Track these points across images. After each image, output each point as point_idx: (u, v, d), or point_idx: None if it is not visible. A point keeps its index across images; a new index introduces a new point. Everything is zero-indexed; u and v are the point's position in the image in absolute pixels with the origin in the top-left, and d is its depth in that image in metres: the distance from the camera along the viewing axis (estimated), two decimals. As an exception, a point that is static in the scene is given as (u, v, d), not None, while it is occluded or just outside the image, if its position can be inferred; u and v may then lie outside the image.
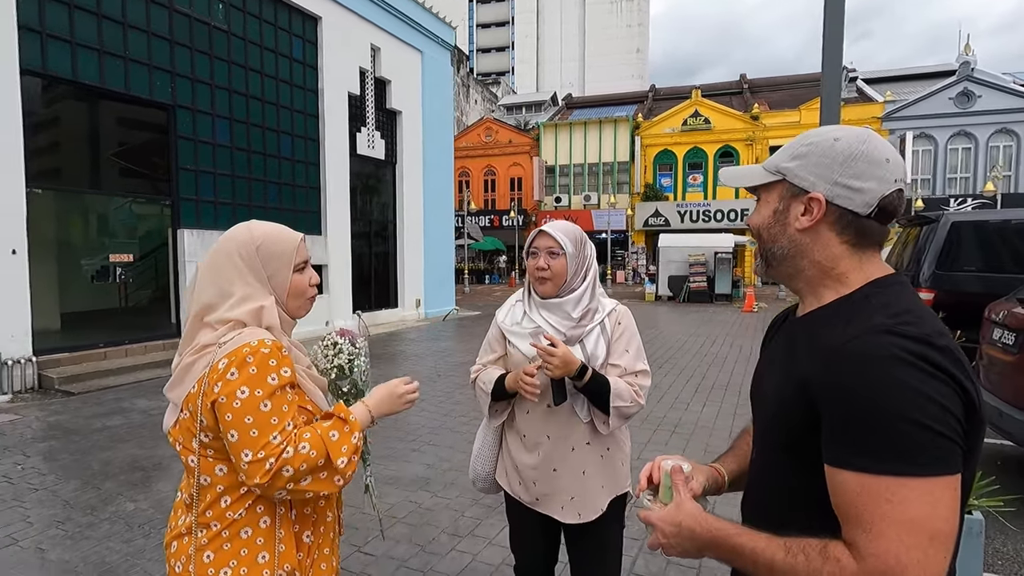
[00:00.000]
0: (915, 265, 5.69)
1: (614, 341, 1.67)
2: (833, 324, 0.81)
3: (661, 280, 18.91)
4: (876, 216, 0.84)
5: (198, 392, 1.06)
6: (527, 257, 1.71)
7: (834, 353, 0.77)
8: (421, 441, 4.68)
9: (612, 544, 1.72)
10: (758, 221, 0.93)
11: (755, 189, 0.94)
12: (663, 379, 6.88)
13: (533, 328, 1.67)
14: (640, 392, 1.64)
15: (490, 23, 61.49)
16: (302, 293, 1.22)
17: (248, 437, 1.02)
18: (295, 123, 10.68)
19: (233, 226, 1.21)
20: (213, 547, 1.08)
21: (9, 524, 3.25)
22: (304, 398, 1.18)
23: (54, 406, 5.90)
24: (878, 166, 0.82)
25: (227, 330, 1.11)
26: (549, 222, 1.72)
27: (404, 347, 9.86)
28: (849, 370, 0.74)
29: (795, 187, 0.87)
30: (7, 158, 6.43)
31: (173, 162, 8.61)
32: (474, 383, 1.79)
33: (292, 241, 1.20)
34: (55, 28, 7.00)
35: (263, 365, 1.05)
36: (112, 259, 9.15)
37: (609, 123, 28.26)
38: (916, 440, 0.69)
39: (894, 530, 0.69)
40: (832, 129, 0.87)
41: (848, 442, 0.73)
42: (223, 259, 1.16)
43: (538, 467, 1.66)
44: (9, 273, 6.48)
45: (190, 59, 8.73)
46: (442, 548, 2.95)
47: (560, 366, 1.51)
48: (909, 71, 28.84)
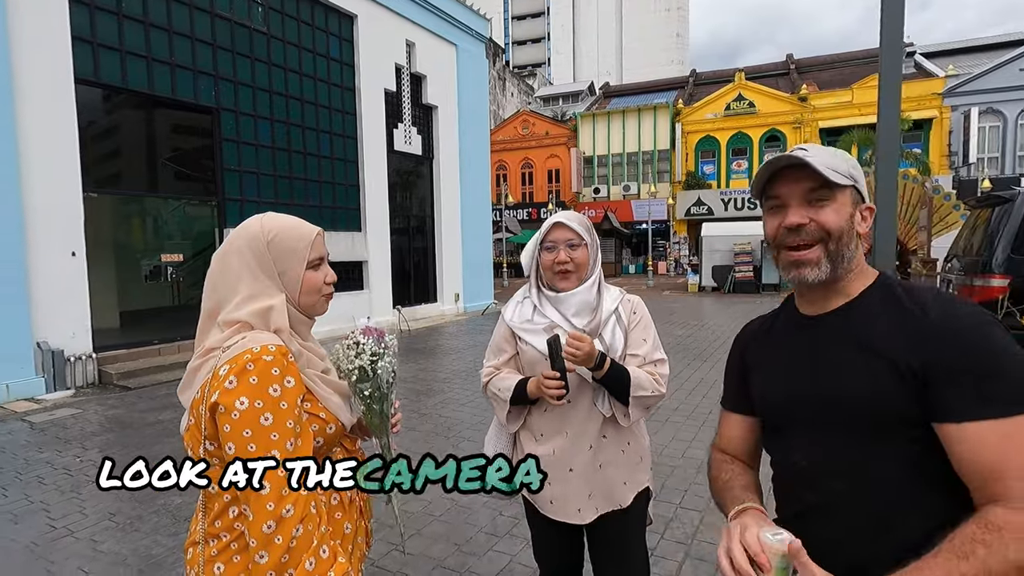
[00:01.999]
0: (987, 249, 5.25)
1: (631, 331, 1.63)
2: (900, 306, 0.90)
3: (704, 270, 18.39)
4: None
5: (201, 398, 1.00)
6: (540, 251, 1.63)
7: (938, 326, 0.85)
8: (460, 437, 4.63)
9: (636, 541, 1.64)
10: (838, 223, 0.94)
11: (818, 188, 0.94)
12: (707, 374, 6.63)
13: (547, 324, 1.60)
14: (661, 380, 1.59)
15: (525, 15, 60.97)
16: (316, 291, 1.14)
17: (245, 452, 0.95)
18: (333, 121, 10.83)
19: (247, 219, 1.14)
20: (223, 558, 1.02)
21: (67, 515, 3.38)
22: (317, 405, 1.10)
23: (111, 401, 6.17)
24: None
25: (233, 332, 1.04)
26: (557, 213, 1.64)
27: (443, 341, 9.89)
28: (962, 336, 0.83)
29: (860, 194, 0.96)
30: (65, 165, 6.74)
31: (218, 164, 8.86)
32: (485, 388, 1.71)
33: (307, 236, 1.13)
34: (105, 38, 7.28)
35: (265, 374, 0.97)
36: (164, 259, 9.53)
37: (648, 110, 27.58)
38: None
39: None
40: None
41: (981, 396, 0.80)
42: (233, 253, 1.09)
43: (553, 466, 1.57)
44: (69, 274, 6.81)
45: (232, 62, 8.95)
46: (479, 548, 2.89)
47: (584, 356, 1.45)
48: (973, 42, 26.91)
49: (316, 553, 0.97)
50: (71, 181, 6.81)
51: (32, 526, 3.25)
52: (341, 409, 1.15)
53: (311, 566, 0.96)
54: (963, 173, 21.53)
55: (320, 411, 1.10)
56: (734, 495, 1.02)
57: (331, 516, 1.13)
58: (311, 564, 0.96)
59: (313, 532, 0.98)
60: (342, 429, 1.17)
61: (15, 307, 6.24)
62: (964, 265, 5.65)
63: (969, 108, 21.08)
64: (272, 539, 0.94)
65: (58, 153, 6.67)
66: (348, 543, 1.16)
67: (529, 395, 1.57)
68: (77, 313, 6.89)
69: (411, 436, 4.63)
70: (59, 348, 6.61)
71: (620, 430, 1.61)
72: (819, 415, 0.94)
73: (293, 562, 0.94)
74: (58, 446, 4.66)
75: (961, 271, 5.68)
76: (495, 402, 1.67)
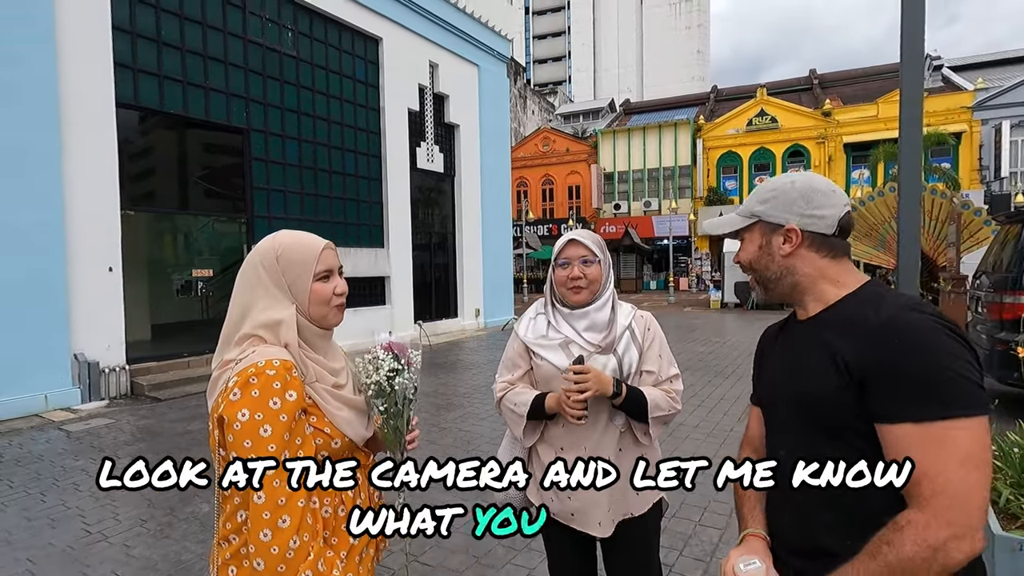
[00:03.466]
0: (1017, 266, 5.14)
1: (646, 347, 1.67)
2: (861, 312, 0.95)
3: (727, 287, 18.20)
4: (839, 233, 1.04)
5: (215, 407, 1.07)
6: (554, 268, 1.67)
7: (879, 329, 0.90)
8: (479, 451, 4.67)
9: (651, 550, 1.68)
10: (747, 257, 1.12)
11: (736, 233, 1.13)
12: (729, 391, 6.56)
13: (561, 339, 1.64)
14: (676, 397, 1.65)
15: (546, 34, 61.85)
16: (325, 302, 1.18)
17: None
18: (358, 141, 11.11)
19: (265, 234, 1.21)
20: (235, 561, 1.06)
21: (101, 521, 3.51)
22: (323, 420, 1.13)
23: (143, 411, 6.37)
24: (829, 196, 1.04)
25: (247, 346, 1.10)
26: (571, 230, 1.70)
27: (464, 356, 9.96)
28: (898, 339, 0.87)
29: (771, 224, 1.07)
30: (105, 184, 7.06)
31: (248, 182, 9.16)
32: (499, 403, 1.73)
33: (313, 249, 1.18)
34: (145, 63, 7.65)
35: (266, 388, 1.01)
36: (195, 274, 9.83)
37: (669, 127, 27.62)
38: (963, 388, 0.83)
39: (953, 465, 0.81)
40: (785, 176, 1.08)
41: (907, 399, 0.85)
42: (249, 269, 1.16)
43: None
44: (106, 289, 7.08)
45: (263, 85, 9.29)
46: (498, 561, 2.91)
47: (595, 385, 1.49)
48: (1004, 55, 26.40)
49: (313, 567, 1.00)
50: (110, 199, 7.12)
51: (68, 531, 3.38)
52: (349, 424, 1.17)
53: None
54: (995, 188, 21.01)
55: (325, 426, 1.13)
56: (742, 515, 1.16)
57: (338, 527, 1.15)
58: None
59: (310, 544, 1.01)
60: (349, 444, 1.18)
61: (55, 320, 6.52)
62: (993, 281, 5.53)
63: (1000, 121, 20.64)
64: (269, 548, 0.97)
65: (98, 173, 6.99)
66: (356, 553, 1.18)
67: (547, 410, 1.59)
68: (112, 326, 7.15)
69: (431, 449, 4.68)
70: (95, 360, 6.86)
71: (635, 443, 1.64)
72: (790, 412, 1.04)
73: (289, 573, 0.98)
74: (93, 454, 4.83)
75: (990, 287, 5.55)
76: (510, 417, 1.69)
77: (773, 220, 1.06)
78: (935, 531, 0.80)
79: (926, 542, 0.80)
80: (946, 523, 0.80)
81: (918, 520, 0.82)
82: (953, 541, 0.79)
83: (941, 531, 0.80)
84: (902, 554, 0.81)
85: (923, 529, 0.81)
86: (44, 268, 6.42)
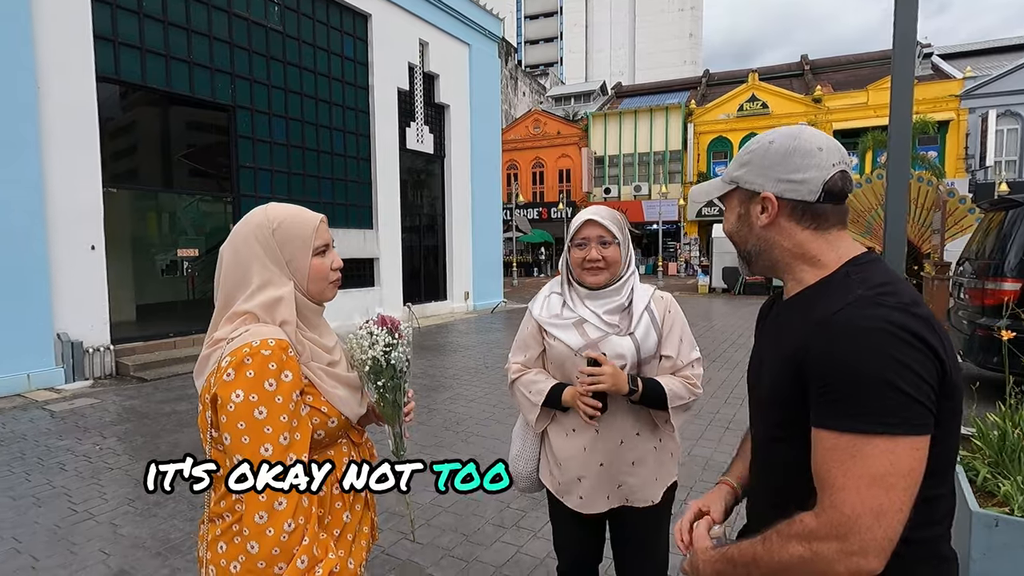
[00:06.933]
0: (999, 253, 5.22)
1: (665, 330, 1.60)
2: (820, 302, 0.86)
3: (715, 272, 18.34)
4: (825, 199, 0.90)
5: (206, 387, 1.04)
6: (570, 248, 1.61)
7: (819, 325, 0.82)
8: (468, 432, 4.70)
9: (662, 537, 1.66)
10: (728, 228, 1.03)
11: (722, 200, 1.04)
12: (716, 373, 6.64)
13: (576, 319, 1.59)
14: (696, 383, 1.59)
15: (538, 14, 60.94)
16: (324, 277, 1.16)
17: (239, 444, 0.97)
18: (347, 120, 10.94)
19: (251, 210, 1.17)
20: (226, 538, 1.05)
21: (88, 500, 3.49)
22: (319, 399, 1.11)
23: (129, 391, 6.31)
24: (812, 156, 0.89)
25: (240, 324, 1.06)
26: (588, 208, 1.63)
27: (453, 339, 9.97)
28: (833, 339, 0.79)
29: (748, 191, 0.96)
30: (86, 160, 6.89)
31: (234, 161, 8.99)
32: (512, 385, 1.70)
33: (310, 223, 1.14)
34: (126, 36, 7.43)
35: (261, 368, 0.98)
36: (180, 254, 9.71)
37: (660, 111, 27.52)
38: (888, 402, 0.74)
39: (853, 483, 0.75)
40: (767, 134, 0.95)
41: (827, 404, 0.79)
42: (240, 243, 1.11)
43: (584, 462, 1.59)
44: (89, 268, 6.96)
45: (248, 61, 9.08)
46: (487, 539, 2.95)
47: (610, 383, 1.46)
48: (992, 44, 26.57)
49: (309, 551, 0.98)
50: (91, 176, 6.96)
51: (54, 510, 3.36)
52: (345, 402, 1.15)
53: (303, 564, 0.97)
54: (980, 176, 21.26)
55: (322, 405, 1.11)
56: (732, 462, 1.22)
57: (331, 506, 1.15)
58: (303, 562, 0.97)
59: (305, 527, 0.99)
60: (345, 422, 1.17)
61: (37, 299, 6.40)
62: (976, 268, 5.62)
63: (987, 110, 20.81)
64: (264, 530, 0.95)
65: (79, 149, 6.82)
66: (349, 532, 1.18)
67: (563, 403, 1.57)
68: (96, 306, 7.04)
69: (421, 431, 4.70)
70: (78, 340, 6.76)
71: (653, 427, 1.61)
72: (759, 395, 1.01)
73: (284, 556, 0.96)
74: (78, 434, 4.79)
75: (973, 274, 5.65)
76: (523, 402, 1.65)
77: (749, 187, 0.95)
78: (821, 543, 0.77)
79: (810, 548, 0.78)
80: (835, 538, 0.75)
81: (810, 524, 0.78)
82: (840, 555, 0.75)
83: (827, 544, 0.76)
84: (785, 550, 0.80)
85: (809, 535, 0.78)
86: (24, 246, 6.29)
